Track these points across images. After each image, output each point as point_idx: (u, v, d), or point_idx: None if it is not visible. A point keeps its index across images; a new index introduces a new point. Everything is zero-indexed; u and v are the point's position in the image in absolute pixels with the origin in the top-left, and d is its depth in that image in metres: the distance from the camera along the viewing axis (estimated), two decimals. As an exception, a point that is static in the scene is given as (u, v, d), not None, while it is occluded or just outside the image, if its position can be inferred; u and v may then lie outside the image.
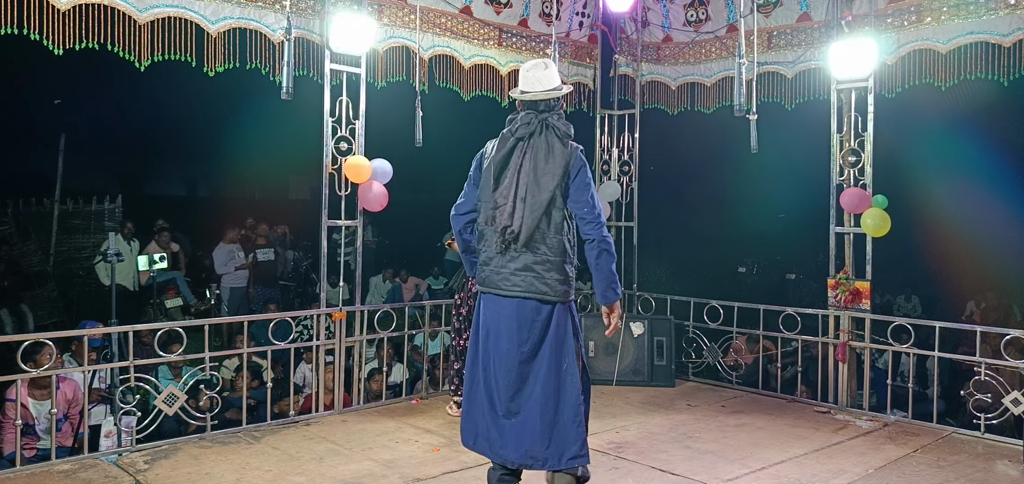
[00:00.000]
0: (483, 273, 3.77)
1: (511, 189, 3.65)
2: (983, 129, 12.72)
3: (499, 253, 3.68)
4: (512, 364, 3.68)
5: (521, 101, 3.79)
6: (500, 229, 3.65)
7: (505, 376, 3.70)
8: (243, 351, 5.49)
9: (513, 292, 3.67)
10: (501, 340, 3.71)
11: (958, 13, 5.66)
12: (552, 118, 3.72)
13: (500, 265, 3.69)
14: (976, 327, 5.92)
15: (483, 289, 3.79)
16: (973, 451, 5.11)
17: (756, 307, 6.67)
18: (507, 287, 3.68)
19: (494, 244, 3.70)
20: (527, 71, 3.81)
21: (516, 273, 3.66)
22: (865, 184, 6.01)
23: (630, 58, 7.46)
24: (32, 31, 4.49)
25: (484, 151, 3.84)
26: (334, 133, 5.67)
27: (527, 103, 3.77)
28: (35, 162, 15.56)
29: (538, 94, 3.74)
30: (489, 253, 3.73)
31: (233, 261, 10.73)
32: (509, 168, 3.69)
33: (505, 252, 3.67)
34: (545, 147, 3.67)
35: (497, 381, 3.72)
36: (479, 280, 3.82)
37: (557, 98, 3.78)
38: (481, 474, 4.52)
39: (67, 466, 4.58)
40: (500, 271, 3.69)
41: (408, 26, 6.06)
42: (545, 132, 3.69)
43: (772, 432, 5.47)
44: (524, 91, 3.78)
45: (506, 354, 3.69)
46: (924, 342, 6.01)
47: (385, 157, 5.83)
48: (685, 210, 16.97)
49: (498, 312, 3.72)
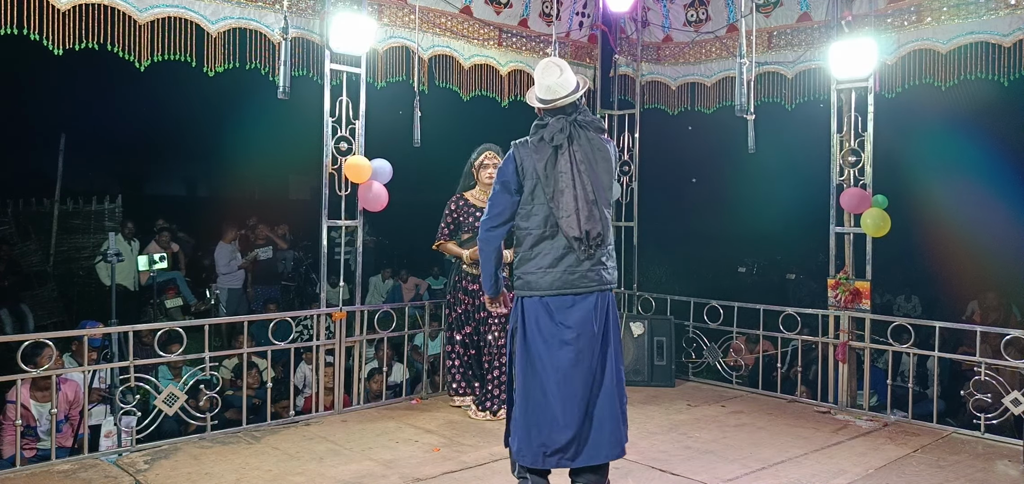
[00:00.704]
0: (548, 277, 3.71)
1: (575, 195, 3.66)
2: (983, 129, 12.71)
3: (569, 252, 3.69)
4: (594, 361, 3.72)
5: (545, 108, 3.78)
6: (583, 236, 3.65)
7: (587, 374, 3.70)
8: (243, 351, 5.49)
9: (590, 288, 3.72)
10: (582, 339, 3.71)
11: (958, 13, 5.66)
12: (580, 117, 3.76)
13: (573, 264, 3.70)
14: (976, 327, 5.92)
15: (551, 292, 3.72)
16: (973, 451, 5.11)
17: (756, 307, 6.67)
18: (583, 284, 3.72)
19: (560, 249, 3.70)
20: (543, 77, 3.78)
21: (591, 269, 3.72)
22: (865, 184, 6.01)
23: (630, 58, 7.46)
24: (32, 31, 4.49)
25: (516, 160, 3.77)
26: (334, 133, 5.67)
27: (552, 110, 3.77)
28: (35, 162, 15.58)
29: (564, 100, 3.75)
30: (552, 258, 3.71)
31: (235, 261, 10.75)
32: (562, 174, 3.68)
33: (588, 255, 3.69)
34: (590, 147, 3.72)
35: (577, 382, 3.70)
36: (541, 285, 3.73)
37: (580, 98, 3.81)
38: (481, 474, 4.53)
39: (67, 466, 4.58)
40: (576, 269, 3.70)
41: (408, 26, 6.06)
42: (582, 132, 3.73)
43: (772, 432, 5.47)
44: (547, 100, 3.76)
45: (584, 352, 3.70)
46: (924, 342, 6.01)
47: (385, 157, 5.83)
48: (685, 210, 16.95)
49: (571, 310, 3.72)
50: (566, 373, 3.69)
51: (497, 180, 3.84)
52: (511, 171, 3.78)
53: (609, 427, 3.73)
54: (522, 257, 3.80)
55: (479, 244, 3.93)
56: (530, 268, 3.75)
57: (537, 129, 3.78)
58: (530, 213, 3.75)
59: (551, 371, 3.70)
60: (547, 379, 3.70)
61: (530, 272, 3.76)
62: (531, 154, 3.73)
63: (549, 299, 3.72)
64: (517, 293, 3.84)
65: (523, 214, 3.78)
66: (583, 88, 3.83)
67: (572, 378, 3.69)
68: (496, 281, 3.98)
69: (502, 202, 3.81)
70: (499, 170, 3.86)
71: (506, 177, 3.79)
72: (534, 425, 3.72)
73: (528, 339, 3.77)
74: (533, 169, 3.71)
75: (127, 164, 21.10)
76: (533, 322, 3.75)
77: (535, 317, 3.74)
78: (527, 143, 3.78)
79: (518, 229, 3.82)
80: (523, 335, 3.79)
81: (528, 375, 3.76)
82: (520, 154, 3.77)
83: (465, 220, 5.71)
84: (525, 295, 3.78)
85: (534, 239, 3.75)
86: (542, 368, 3.72)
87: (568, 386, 3.69)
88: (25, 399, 5.24)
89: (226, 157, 18.47)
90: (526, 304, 3.77)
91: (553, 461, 3.71)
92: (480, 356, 5.82)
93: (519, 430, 3.78)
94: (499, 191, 3.81)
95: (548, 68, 3.80)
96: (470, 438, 5.21)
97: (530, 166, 3.72)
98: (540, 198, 3.72)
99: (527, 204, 3.76)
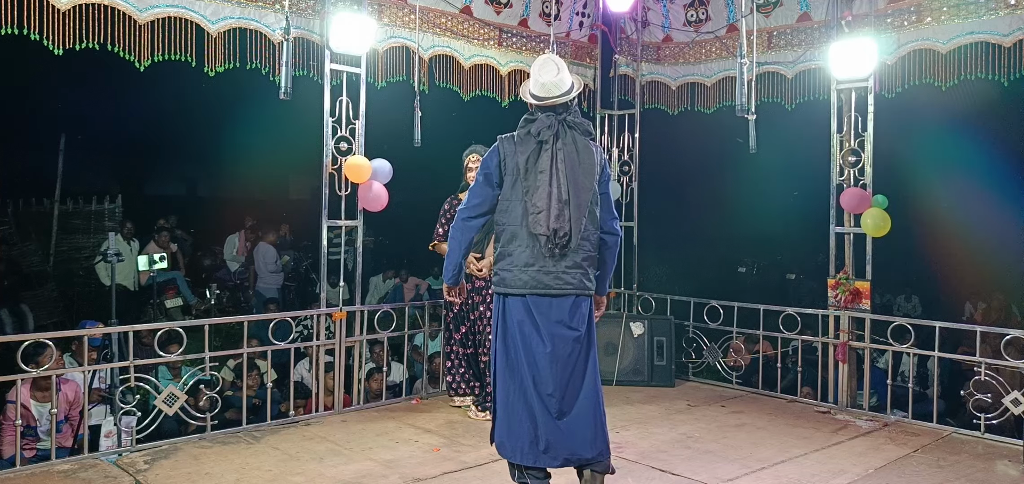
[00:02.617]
0: (524, 275, 3.71)
1: (549, 193, 3.65)
2: (983, 129, 12.71)
3: (546, 256, 3.68)
4: (567, 362, 3.71)
5: (537, 104, 3.78)
6: (550, 233, 3.64)
7: (560, 374, 3.70)
8: (243, 351, 5.49)
9: (566, 290, 3.71)
10: (555, 339, 3.71)
11: (958, 13, 5.66)
12: (570, 117, 3.76)
13: (549, 266, 3.69)
14: (976, 327, 5.92)
15: (527, 291, 3.72)
16: (973, 451, 5.11)
17: (756, 307, 6.67)
18: (559, 286, 3.70)
19: (535, 247, 3.69)
20: (540, 73, 3.78)
21: (568, 270, 3.70)
22: (865, 184, 6.01)
23: (630, 58, 7.46)
24: (32, 31, 4.49)
25: (500, 154, 3.78)
26: (334, 133, 5.67)
27: (544, 106, 3.76)
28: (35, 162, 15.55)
29: (558, 99, 3.75)
30: (528, 256, 3.70)
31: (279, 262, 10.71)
32: (541, 171, 3.67)
33: (553, 254, 3.68)
34: (574, 148, 3.71)
35: (547, 382, 3.70)
36: (517, 283, 3.74)
37: (573, 99, 3.81)
38: (481, 474, 4.53)
39: (67, 466, 4.58)
40: (551, 271, 3.69)
41: (408, 26, 6.06)
42: (569, 132, 3.73)
43: (772, 432, 5.47)
44: (541, 97, 3.76)
45: (561, 353, 3.70)
46: (924, 342, 6.01)
47: (385, 157, 5.83)
48: (685, 210, 16.95)
49: (548, 311, 3.71)
50: (543, 371, 3.71)
51: (480, 171, 3.84)
52: (494, 164, 3.79)
53: (589, 428, 3.73)
54: (500, 253, 3.81)
55: (451, 230, 3.91)
56: (508, 265, 3.76)
57: (525, 123, 3.79)
58: (508, 208, 3.76)
59: (527, 368, 3.73)
60: (525, 376, 3.73)
61: (507, 269, 3.77)
62: (515, 148, 3.75)
63: (529, 298, 3.74)
64: (496, 290, 3.86)
65: (502, 209, 3.79)
66: (577, 90, 3.84)
67: (549, 376, 3.70)
68: (458, 271, 3.98)
69: (482, 194, 3.82)
70: (483, 161, 3.86)
71: (489, 169, 3.80)
72: (515, 420, 3.75)
73: (508, 336, 3.79)
74: (515, 164, 3.72)
75: (127, 164, 21.07)
76: (513, 319, 3.77)
77: (515, 314, 3.77)
78: (512, 137, 3.79)
79: (497, 224, 3.84)
80: (503, 332, 3.81)
81: (507, 371, 3.79)
82: (504, 148, 3.78)
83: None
84: (504, 293, 3.79)
85: (510, 235, 3.76)
86: (520, 365, 3.75)
87: (545, 384, 3.71)
88: (25, 399, 5.24)
89: (226, 157, 18.44)
90: (508, 302, 3.79)
91: (531, 457, 3.73)
92: (478, 356, 5.82)
93: (500, 425, 3.82)
94: (481, 182, 3.82)
95: (545, 65, 3.79)
96: (470, 438, 5.21)
97: (512, 161, 3.74)
98: (518, 194, 3.72)
99: (506, 199, 3.76)
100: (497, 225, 3.84)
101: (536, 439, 3.71)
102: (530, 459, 3.73)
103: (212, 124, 17.57)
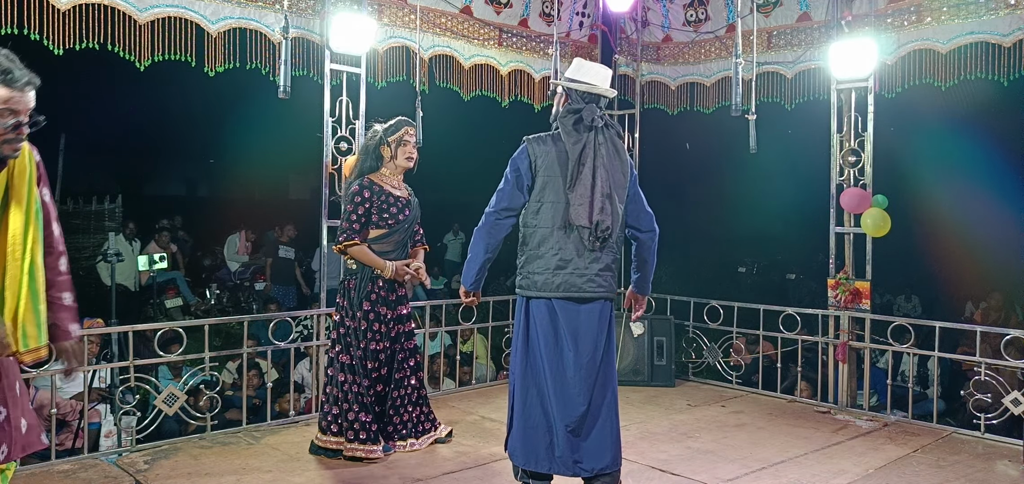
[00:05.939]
0: (556, 278, 3.64)
1: (592, 185, 3.59)
2: (983, 129, 12.73)
3: (578, 255, 3.62)
4: (593, 368, 3.66)
5: (581, 92, 3.71)
6: (593, 227, 3.58)
7: (584, 381, 3.64)
8: (243, 351, 5.49)
9: (598, 293, 3.67)
10: (583, 345, 3.66)
11: (958, 13, 5.66)
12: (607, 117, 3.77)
13: (582, 267, 3.62)
14: (976, 327, 5.92)
15: (557, 294, 3.65)
16: (973, 451, 5.11)
17: (756, 307, 6.67)
18: (591, 289, 3.65)
19: (570, 245, 3.63)
20: (591, 68, 3.76)
21: (600, 274, 3.67)
22: (865, 184, 6.01)
23: (630, 58, 7.46)
24: (32, 31, 4.48)
25: (531, 155, 3.69)
26: (334, 133, 5.67)
27: (589, 97, 3.71)
28: (35, 162, 15.53)
29: (607, 92, 3.75)
30: (560, 258, 3.63)
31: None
32: (584, 165, 3.61)
33: (585, 253, 3.62)
34: (611, 146, 3.70)
35: (570, 389, 3.64)
36: (547, 286, 3.66)
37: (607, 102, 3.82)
38: (481, 474, 4.52)
39: (67, 466, 4.58)
40: (584, 273, 3.63)
41: (408, 26, 6.06)
42: (608, 130, 3.72)
43: (772, 432, 5.47)
44: (593, 83, 3.71)
45: (588, 358, 3.66)
46: (924, 342, 6.01)
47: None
48: (685, 210, 16.97)
49: (577, 316, 3.66)
50: (566, 378, 3.65)
51: (509, 172, 3.72)
52: (525, 166, 3.69)
53: (607, 437, 3.69)
54: (528, 256, 3.73)
55: (478, 230, 3.76)
56: (537, 267, 3.68)
57: (571, 112, 3.69)
58: (540, 209, 3.68)
59: (551, 375, 3.66)
60: (545, 383, 3.68)
61: (536, 272, 3.68)
62: (551, 146, 3.67)
63: (556, 302, 3.67)
64: (521, 293, 3.79)
65: (532, 210, 3.71)
66: (612, 94, 3.86)
67: (572, 384, 3.65)
68: (482, 273, 3.83)
69: (512, 196, 3.70)
70: (511, 161, 3.74)
71: (519, 171, 3.69)
72: (531, 427, 3.70)
73: (530, 341, 3.73)
74: (548, 162, 3.65)
75: (127, 164, 21.10)
76: (536, 324, 3.70)
77: (539, 319, 3.69)
78: (542, 138, 3.73)
79: (524, 227, 3.76)
80: (525, 337, 3.75)
81: (527, 377, 3.73)
82: (534, 149, 3.69)
83: (382, 213, 4.62)
84: (531, 296, 3.72)
85: (540, 237, 3.68)
86: (542, 371, 3.69)
87: (567, 391, 3.65)
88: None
89: (226, 157, 18.49)
90: (532, 306, 3.73)
91: (546, 464, 3.69)
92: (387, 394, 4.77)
93: (516, 431, 3.76)
94: (511, 185, 3.69)
95: (588, 63, 3.82)
96: (470, 438, 5.21)
97: (544, 161, 3.66)
98: (551, 193, 3.65)
99: (537, 200, 3.69)
100: (525, 227, 3.75)
101: (552, 446, 3.67)
102: (545, 466, 3.68)
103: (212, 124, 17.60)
